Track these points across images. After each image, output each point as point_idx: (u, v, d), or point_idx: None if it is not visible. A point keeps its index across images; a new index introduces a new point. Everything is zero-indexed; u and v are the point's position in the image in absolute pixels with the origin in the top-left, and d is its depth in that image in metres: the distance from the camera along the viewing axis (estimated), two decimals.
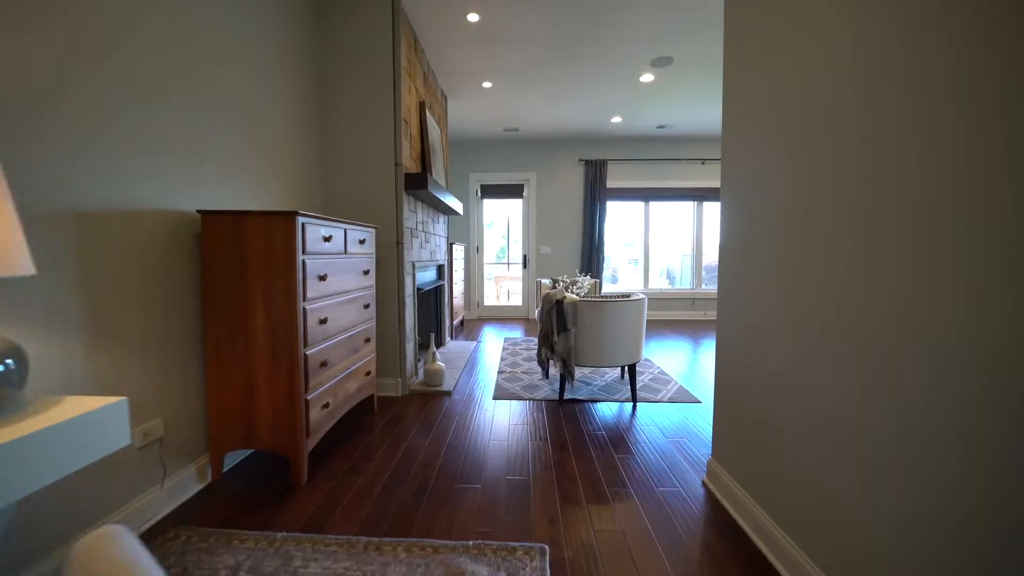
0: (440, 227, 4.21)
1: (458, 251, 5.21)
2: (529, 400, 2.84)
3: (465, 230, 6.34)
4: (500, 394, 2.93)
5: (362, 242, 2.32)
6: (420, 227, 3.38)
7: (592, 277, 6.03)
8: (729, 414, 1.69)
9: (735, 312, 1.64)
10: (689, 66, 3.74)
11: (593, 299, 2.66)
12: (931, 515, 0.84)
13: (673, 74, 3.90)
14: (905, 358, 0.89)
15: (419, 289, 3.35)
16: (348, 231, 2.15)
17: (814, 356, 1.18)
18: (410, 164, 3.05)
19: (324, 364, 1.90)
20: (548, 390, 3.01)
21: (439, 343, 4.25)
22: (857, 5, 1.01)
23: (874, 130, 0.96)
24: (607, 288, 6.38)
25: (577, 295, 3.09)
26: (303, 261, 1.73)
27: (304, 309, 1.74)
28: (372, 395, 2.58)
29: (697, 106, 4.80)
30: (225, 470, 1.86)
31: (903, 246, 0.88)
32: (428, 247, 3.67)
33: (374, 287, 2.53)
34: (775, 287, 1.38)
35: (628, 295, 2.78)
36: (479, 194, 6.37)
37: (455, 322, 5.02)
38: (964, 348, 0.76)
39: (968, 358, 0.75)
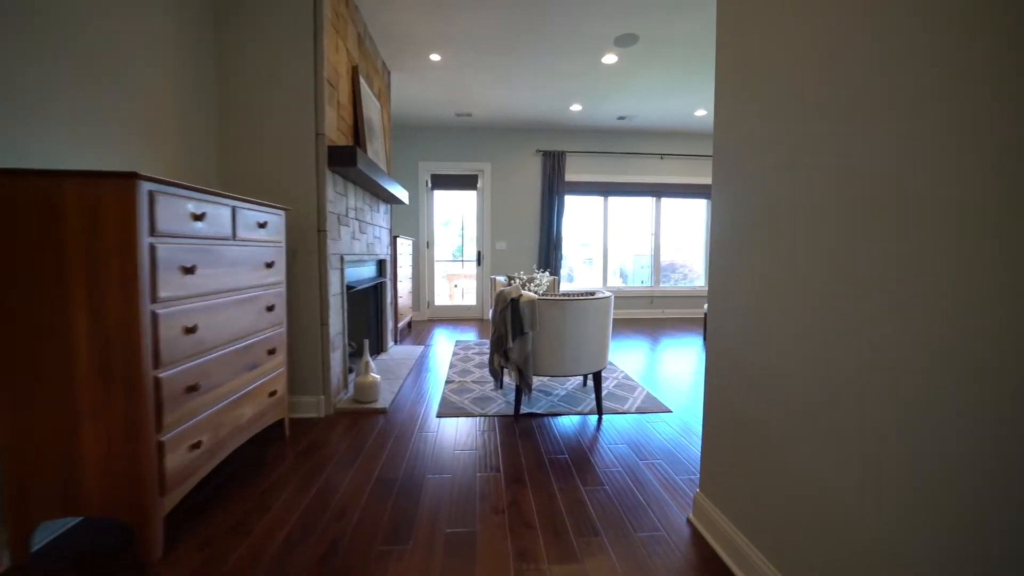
0: (381, 217, 3.69)
1: (405, 245, 4.69)
2: (480, 416, 2.43)
3: (415, 223, 5.82)
4: (446, 410, 2.50)
5: (263, 226, 1.81)
6: (352, 214, 2.87)
7: (551, 274, 5.71)
8: (721, 441, 1.36)
9: (729, 314, 1.32)
10: (654, 46, 3.47)
11: (554, 297, 2.29)
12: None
13: (637, 55, 3.62)
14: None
15: (351, 287, 2.84)
16: (238, 210, 1.63)
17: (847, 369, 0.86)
18: (338, 137, 2.54)
19: (194, 388, 1.38)
20: (502, 403, 2.61)
21: (379, 349, 3.73)
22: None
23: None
24: (564, 287, 6.09)
25: (535, 293, 2.72)
26: (150, 246, 1.21)
27: (154, 313, 1.23)
28: (283, 419, 2.07)
29: (658, 96, 4.58)
30: (36, 548, 1.30)
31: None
32: (364, 238, 3.16)
33: (283, 284, 2.01)
34: (772, 286, 1.07)
35: (592, 292, 2.44)
36: (429, 184, 5.86)
37: (400, 325, 4.51)
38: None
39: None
